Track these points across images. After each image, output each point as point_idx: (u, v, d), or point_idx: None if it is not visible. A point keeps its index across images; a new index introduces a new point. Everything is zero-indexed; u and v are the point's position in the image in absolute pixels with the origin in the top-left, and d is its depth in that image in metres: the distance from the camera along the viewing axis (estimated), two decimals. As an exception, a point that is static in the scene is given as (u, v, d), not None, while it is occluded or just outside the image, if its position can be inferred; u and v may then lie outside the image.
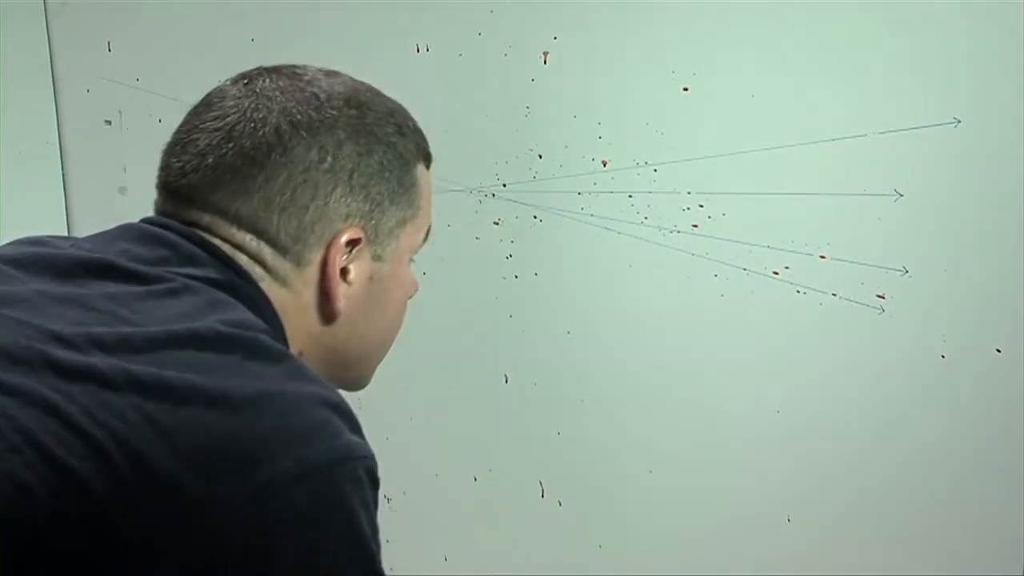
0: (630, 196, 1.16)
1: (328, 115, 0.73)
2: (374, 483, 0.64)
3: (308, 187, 0.71)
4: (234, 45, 1.49)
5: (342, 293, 0.74)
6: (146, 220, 0.73)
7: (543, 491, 1.31)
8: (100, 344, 0.59)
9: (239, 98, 0.73)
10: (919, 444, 1.02)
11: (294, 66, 0.77)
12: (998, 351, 0.96)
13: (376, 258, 0.76)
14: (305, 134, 0.71)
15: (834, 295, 1.05)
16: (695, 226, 1.12)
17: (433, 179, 0.83)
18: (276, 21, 1.45)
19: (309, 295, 0.74)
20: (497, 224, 1.28)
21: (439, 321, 1.35)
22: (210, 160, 0.71)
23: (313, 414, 0.61)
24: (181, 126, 0.75)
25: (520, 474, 1.32)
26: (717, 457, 1.16)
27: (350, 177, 0.73)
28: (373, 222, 0.75)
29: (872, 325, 1.02)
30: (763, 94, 1.05)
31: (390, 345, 0.84)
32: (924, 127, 0.97)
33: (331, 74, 0.77)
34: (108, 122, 1.72)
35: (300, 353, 0.75)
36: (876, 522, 1.06)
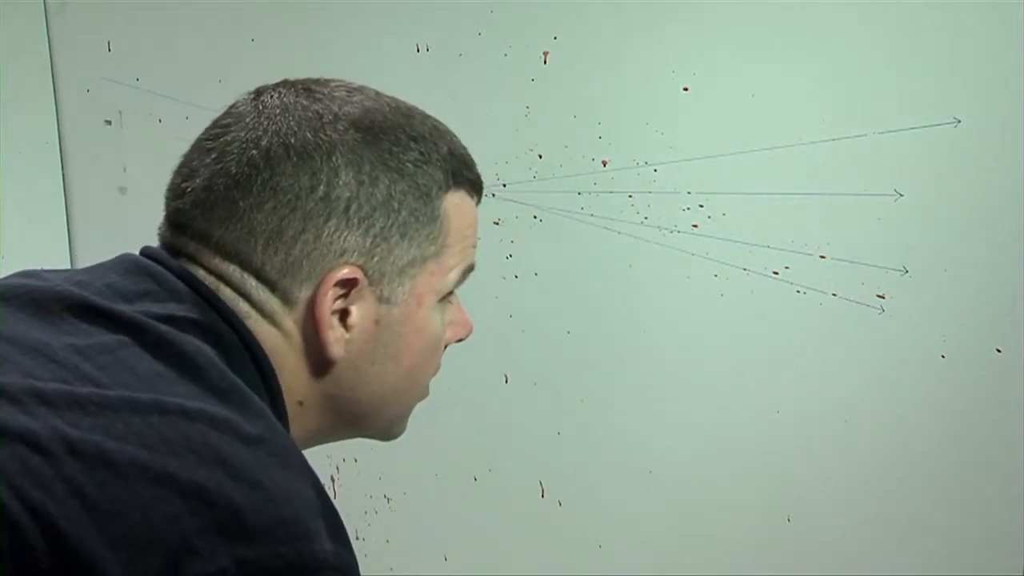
0: (630, 196, 1.16)
1: (326, 137, 0.64)
2: None
3: (296, 218, 0.63)
4: (234, 45, 1.49)
5: (336, 338, 0.65)
6: (143, 250, 0.68)
7: (543, 491, 1.31)
8: (47, 402, 0.54)
9: (242, 115, 0.67)
10: (919, 444, 1.02)
11: (315, 80, 0.69)
12: (998, 351, 0.96)
13: (384, 300, 0.67)
14: (296, 158, 0.63)
15: (834, 295, 1.05)
16: (695, 226, 1.12)
17: (474, 214, 0.73)
18: (276, 21, 1.45)
19: (299, 337, 0.65)
20: (497, 224, 1.28)
21: (439, 321, 1.35)
22: (199, 182, 0.65)
23: (281, 509, 0.53)
24: (192, 144, 0.69)
25: (520, 474, 1.32)
26: (717, 457, 1.16)
27: (347, 208, 0.64)
28: (376, 260, 0.65)
29: (872, 325, 1.02)
30: (763, 94, 1.05)
31: (418, 395, 0.75)
32: (924, 127, 0.97)
33: (354, 91, 0.68)
34: (108, 122, 1.72)
35: (300, 403, 0.67)
36: (876, 522, 1.06)
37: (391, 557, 1.44)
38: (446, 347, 0.76)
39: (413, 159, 0.67)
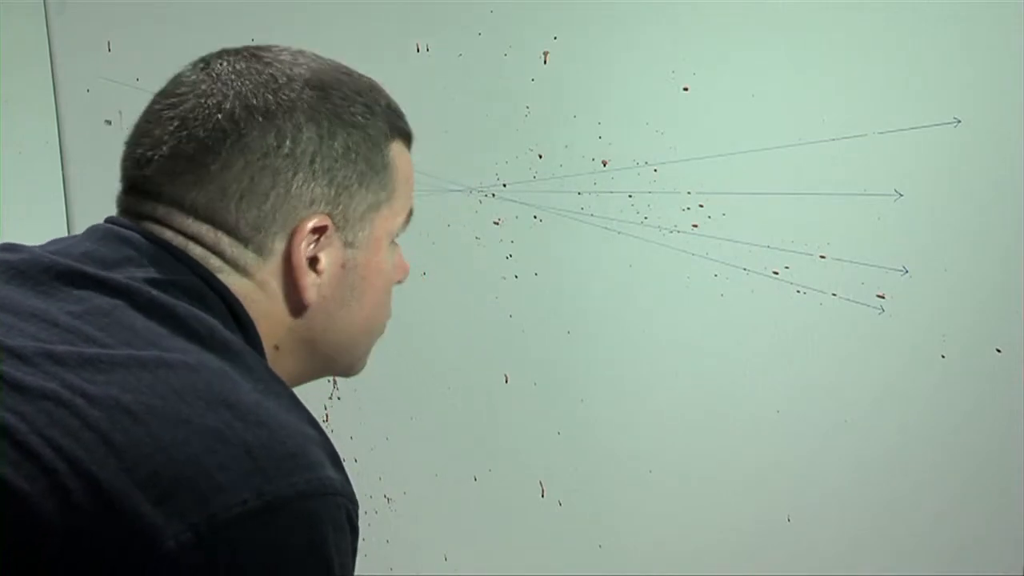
0: (630, 196, 1.17)
1: (286, 98, 0.69)
2: (353, 528, 0.60)
3: (267, 174, 0.68)
4: (234, 45, 1.49)
5: (311, 283, 0.71)
6: (109, 219, 0.71)
7: (543, 491, 1.31)
8: (60, 362, 0.58)
9: (196, 83, 0.70)
10: (919, 444, 1.02)
11: (258, 47, 0.74)
12: (998, 351, 0.96)
13: (348, 245, 0.72)
14: (261, 119, 0.68)
15: (834, 295, 1.05)
16: (695, 226, 1.12)
17: (411, 161, 0.80)
18: (276, 21, 1.45)
19: (276, 285, 0.70)
20: (497, 224, 1.28)
21: (439, 321, 1.35)
22: (165, 150, 0.68)
23: (286, 444, 0.57)
24: (141, 116, 0.73)
25: (520, 474, 1.32)
26: (717, 457, 1.16)
27: (312, 162, 0.69)
28: (341, 208, 0.71)
29: (872, 325, 1.02)
30: (763, 94, 1.05)
31: (378, 332, 0.80)
32: (924, 127, 0.97)
33: (297, 54, 0.74)
34: (108, 122, 1.72)
35: (276, 348, 0.72)
36: (876, 522, 1.06)
37: (391, 557, 1.44)
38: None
39: (361, 112, 0.73)
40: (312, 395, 1.39)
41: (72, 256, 0.66)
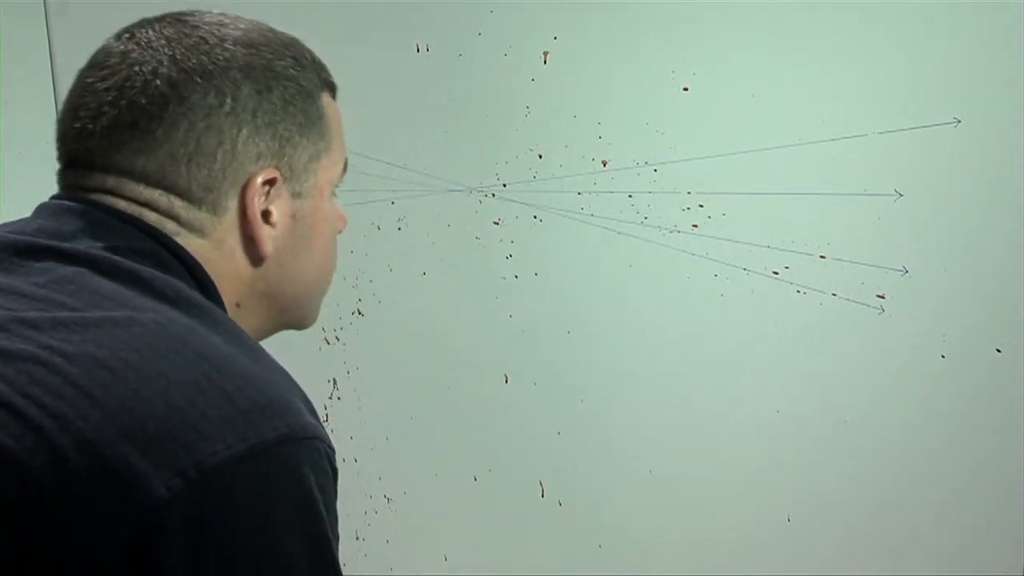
0: (630, 196, 1.16)
1: (220, 57, 0.70)
2: (334, 471, 0.62)
3: (212, 133, 0.69)
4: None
5: (267, 236, 0.72)
6: (56, 195, 0.72)
7: (543, 491, 1.31)
8: (33, 326, 0.59)
9: (125, 53, 0.71)
10: (919, 444, 1.02)
11: (179, 12, 0.75)
12: (998, 351, 0.96)
13: (296, 196, 0.74)
14: (199, 79, 0.69)
15: (834, 295, 1.05)
16: (695, 226, 1.12)
17: (340, 111, 0.81)
18: (275, 21, 1.45)
19: (232, 242, 0.71)
20: (497, 224, 1.28)
21: (439, 321, 1.35)
22: (105, 121, 0.69)
23: (264, 392, 0.59)
24: (70, 92, 0.73)
25: (520, 474, 1.32)
26: (717, 457, 1.16)
27: (254, 117, 0.70)
28: (286, 159, 0.72)
29: (872, 325, 1.02)
30: (763, 94, 1.05)
31: (327, 283, 0.82)
32: (924, 127, 0.97)
33: (219, 15, 0.75)
34: (108, 122, 1.72)
35: (238, 305, 0.73)
36: (876, 522, 1.06)
37: (391, 557, 1.44)
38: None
39: (292, 65, 0.74)
40: (312, 395, 1.38)
41: (27, 232, 0.67)
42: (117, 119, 0.69)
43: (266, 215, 0.72)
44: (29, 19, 1.77)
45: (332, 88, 0.79)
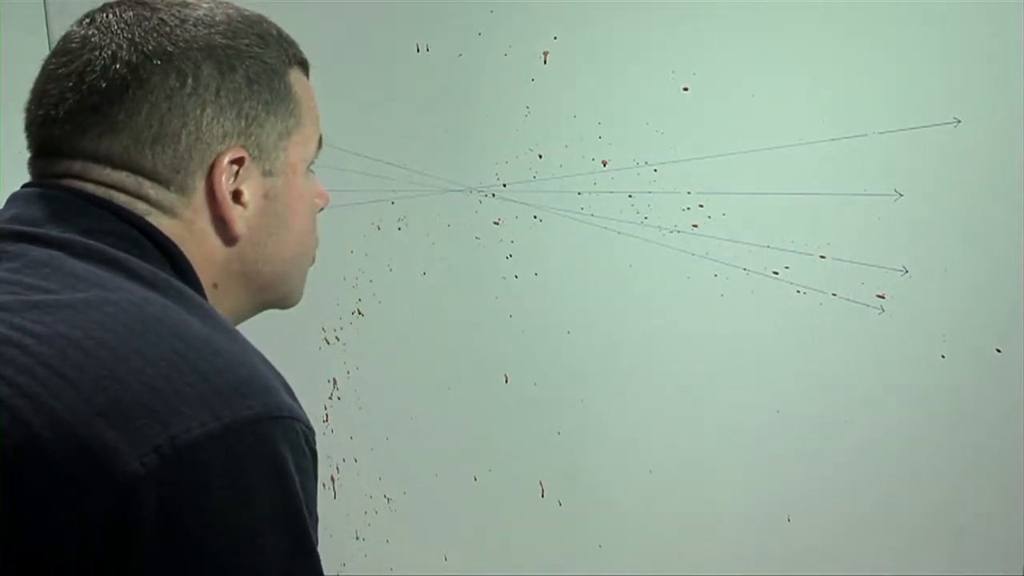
0: (630, 196, 1.17)
1: (180, 39, 0.70)
2: (312, 452, 0.61)
3: (175, 115, 0.68)
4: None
5: (238, 215, 0.72)
6: (26, 184, 0.72)
7: (543, 491, 1.31)
8: (5, 309, 0.59)
9: (86, 38, 0.71)
10: (919, 444, 1.02)
11: None
12: (998, 351, 0.96)
13: (267, 174, 0.73)
14: (159, 62, 0.68)
15: (834, 295, 1.05)
16: (695, 226, 1.12)
17: (311, 87, 0.80)
18: (275, 21, 1.45)
19: (203, 223, 0.71)
20: (497, 224, 1.28)
21: (439, 321, 1.35)
22: (67, 107, 0.69)
23: (239, 371, 0.59)
24: (36, 80, 0.73)
25: (520, 474, 1.32)
26: (717, 457, 1.16)
27: (217, 96, 0.70)
28: (254, 138, 0.72)
29: (872, 325, 1.02)
30: (763, 94, 1.05)
31: (308, 259, 0.81)
32: (924, 127, 0.97)
33: None
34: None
35: (215, 286, 0.73)
36: (876, 522, 1.06)
37: (391, 557, 1.44)
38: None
39: (255, 42, 0.73)
40: (312, 395, 1.39)
41: (2, 222, 0.68)
42: (79, 104, 0.69)
43: (237, 195, 0.72)
44: (29, 19, 1.77)
45: (303, 64, 0.78)
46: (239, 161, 0.71)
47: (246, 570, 0.56)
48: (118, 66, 0.68)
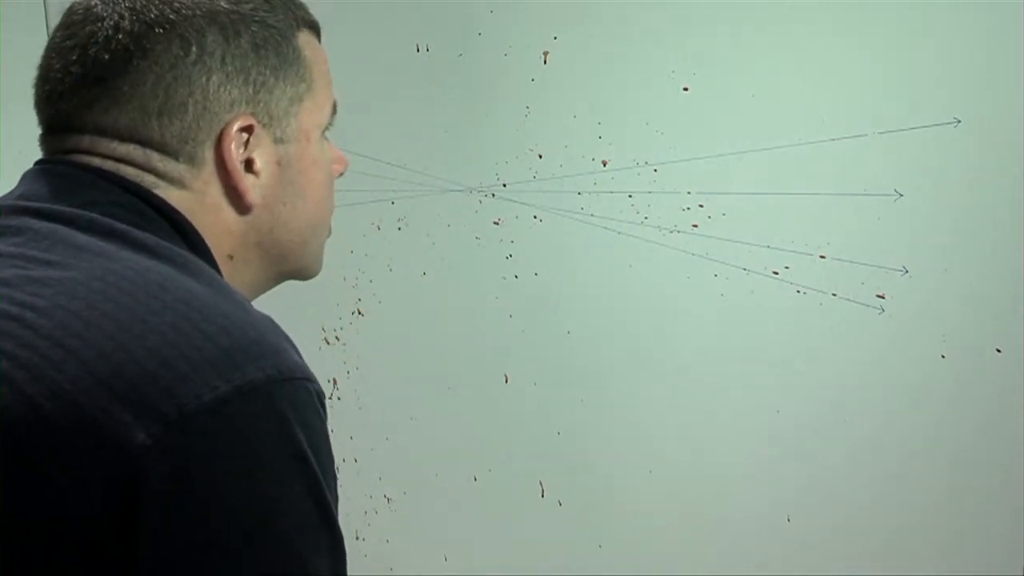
0: (630, 196, 1.17)
1: (182, 5, 0.68)
2: (324, 408, 0.60)
3: (180, 84, 0.67)
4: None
5: (251, 184, 0.70)
6: (39, 161, 0.72)
7: (543, 491, 1.31)
8: (5, 284, 0.58)
9: (88, 9, 0.69)
10: (919, 444, 1.02)
11: None
12: (998, 351, 0.96)
13: (279, 141, 0.71)
14: (161, 31, 0.67)
15: (834, 295, 1.05)
16: (695, 226, 1.12)
17: (324, 51, 0.78)
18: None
19: (215, 193, 0.70)
20: (497, 224, 1.28)
21: (439, 321, 1.35)
22: (72, 80, 0.68)
23: (249, 333, 0.58)
24: (43, 54, 0.72)
25: (520, 474, 1.32)
26: (717, 457, 1.16)
27: (223, 63, 0.68)
28: (262, 105, 0.70)
29: (872, 325, 1.02)
30: (763, 94, 1.05)
31: (326, 228, 0.79)
32: (924, 127, 0.97)
33: None
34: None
35: (230, 257, 0.72)
36: (876, 522, 1.06)
37: (391, 557, 1.44)
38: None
39: (260, 6, 0.71)
40: (312, 395, 1.37)
41: (11, 198, 0.67)
42: (83, 77, 0.68)
43: (249, 164, 0.70)
44: (29, 19, 1.77)
45: (312, 26, 0.76)
46: (248, 129, 0.69)
47: (262, 536, 0.55)
48: (120, 36, 0.67)
